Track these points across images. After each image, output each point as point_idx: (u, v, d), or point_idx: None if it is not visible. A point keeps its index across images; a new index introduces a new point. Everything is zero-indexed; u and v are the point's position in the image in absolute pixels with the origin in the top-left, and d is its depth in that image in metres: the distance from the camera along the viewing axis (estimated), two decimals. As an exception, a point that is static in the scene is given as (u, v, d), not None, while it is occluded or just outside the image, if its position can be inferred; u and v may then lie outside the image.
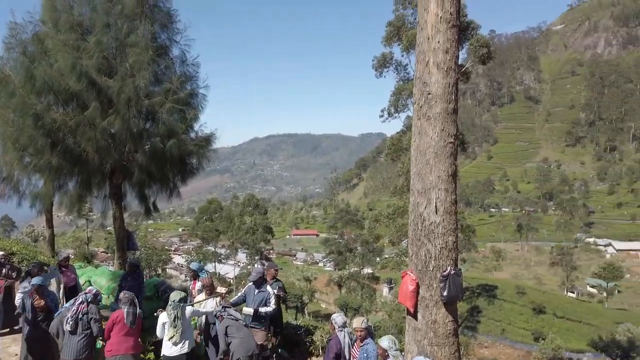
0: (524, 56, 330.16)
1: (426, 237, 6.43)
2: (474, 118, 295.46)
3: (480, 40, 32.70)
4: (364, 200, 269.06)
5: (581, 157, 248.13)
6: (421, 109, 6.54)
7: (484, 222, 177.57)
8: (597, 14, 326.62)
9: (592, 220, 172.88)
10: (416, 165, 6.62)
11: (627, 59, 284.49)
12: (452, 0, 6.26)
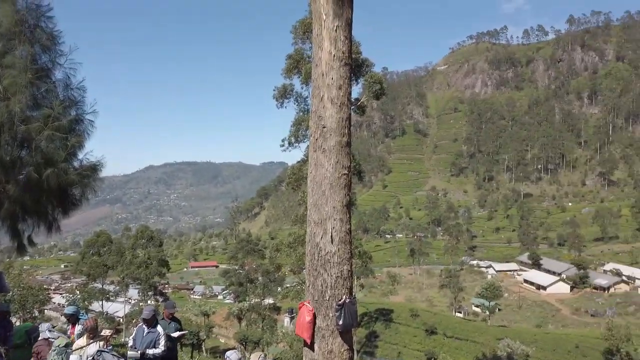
0: (413, 92, 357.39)
1: (322, 266, 6.50)
2: (369, 149, 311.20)
3: (373, 76, 34.85)
4: (265, 229, 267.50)
5: (464, 186, 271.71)
6: (317, 141, 6.70)
7: (381, 248, 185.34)
8: (475, 58, 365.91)
9: (475, 244, 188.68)
10: (312, 196, 6.73)
11: (500, 98, 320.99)
12: (344, 40, 6.60)
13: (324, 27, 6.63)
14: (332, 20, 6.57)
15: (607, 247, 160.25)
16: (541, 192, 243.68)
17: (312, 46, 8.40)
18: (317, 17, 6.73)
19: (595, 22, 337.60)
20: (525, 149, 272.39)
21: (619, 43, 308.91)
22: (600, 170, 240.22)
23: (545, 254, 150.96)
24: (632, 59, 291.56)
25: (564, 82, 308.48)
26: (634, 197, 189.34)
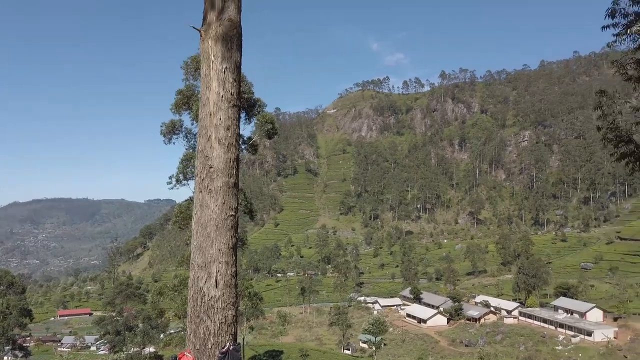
0: (304, 133, 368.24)
1: (205, 313, 6.24)
2: (262, 187, 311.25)
3: (265, 116, 35.39)
4: (148, 271, 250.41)
5: (352, 223, 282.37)
6: (203, 181, 6.55)
7: (272, 288, 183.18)
8: (361, 104, 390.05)
9: (362, 280, 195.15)
10: (197, 239, 6.50)
11: (384, 142, 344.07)
12: (233, 82, 6.65)
13: (212, 69, 6.63)
14: (220, 62, 6.61)
15: (477, 280, 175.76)
16: (420, 230, 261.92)
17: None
18: (206, 57, 6.73)
19: (463, 78, 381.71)
20: (406, 189, 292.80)
21: (482, 97, 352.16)
22: (470, 210, 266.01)
23: (425, 288, 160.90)
24: (493, 112, 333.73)
25: (438, 129, 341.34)
26: (497, 234, 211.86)
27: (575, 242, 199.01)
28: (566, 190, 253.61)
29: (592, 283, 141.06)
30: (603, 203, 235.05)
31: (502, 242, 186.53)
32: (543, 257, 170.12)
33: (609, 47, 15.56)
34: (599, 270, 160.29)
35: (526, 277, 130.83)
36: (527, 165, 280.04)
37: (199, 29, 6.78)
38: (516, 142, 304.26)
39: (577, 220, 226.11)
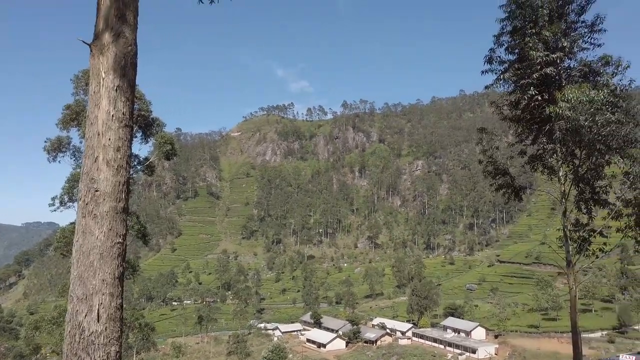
0: (207, 155, 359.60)
1: (84, 350, 5.66)
2: (159, 210, 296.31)
3: (164, 137, 33.96)
4: (23, 302, 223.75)
5: (255, 248, 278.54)
6: (87, 206, 6.03)
7: (166, 317, 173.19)
8: (266, 128, 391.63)
9: (263, 306, 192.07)
10: (78, 268, 5.93)
11: (288, 167, 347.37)
12: (125, 102, 6.28)
13: (102, 86, 6.22)
14: (112, 79, 6.22)
15: (374, 303, 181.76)
16: (322, 254, 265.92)
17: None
18: (96, 74, 6.30)
19: (363, 108, 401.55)
20: (309, 214, 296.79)
21: (380, 128, 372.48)
22: (368, 235, 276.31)
23: (326, 312, 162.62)
24: (390, 142, 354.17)
25: (340, 156, 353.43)
26: (393, 257, 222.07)
27: (462, 265, 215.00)
28: (454, 217, 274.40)
29: (476, 303, 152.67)
30: (485, 228, 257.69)
31: (398, 265, 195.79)
32: (434, 280, 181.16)
33: (487, 89, 17.36)
34: (482, 291, 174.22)
35: (419, 299, 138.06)
36: (420, 192, 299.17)
37: (89, 43, 6.36)
38: (410, 170, 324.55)
39: (463, 245, 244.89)
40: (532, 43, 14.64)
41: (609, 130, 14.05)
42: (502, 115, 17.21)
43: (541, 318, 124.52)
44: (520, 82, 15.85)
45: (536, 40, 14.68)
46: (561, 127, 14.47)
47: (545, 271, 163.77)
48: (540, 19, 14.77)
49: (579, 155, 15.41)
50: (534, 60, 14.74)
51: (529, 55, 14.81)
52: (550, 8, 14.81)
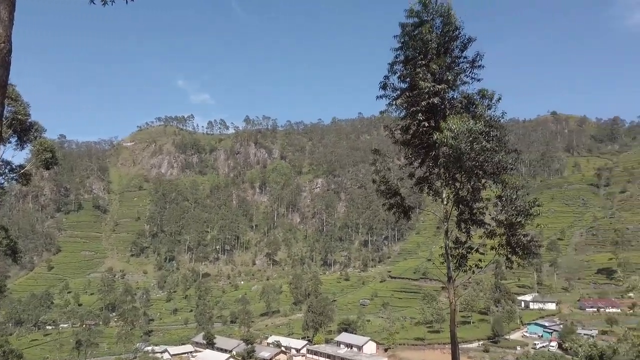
0: (94, 166, 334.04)
1: None
2: (35, 224, 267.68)
3: (44, 143, 30.85)
4: None
5: (144, 266, 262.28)
6: None
7: (38, 343, 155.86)
8: (162, 139, 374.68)
9: (152, 328, 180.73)
10: None
11: (185, 181, 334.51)
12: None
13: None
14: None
15: (270, 320, 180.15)
16: (218, 272, 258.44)
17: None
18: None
19: (266, 125, 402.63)
20: (206, 230, 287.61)
21: (282, 145, 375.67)
22: (267, 251, 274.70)
23: (219, 332, 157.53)
24: (292, 159, 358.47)
25: (241, 172, 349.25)
26: (291, 274, 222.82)
27: (357, 281, 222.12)
28: (350, 234, 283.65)
29: (369, 318, 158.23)
30: (379, 245, 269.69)
31: (295, 282, 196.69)
32: (330, 296, 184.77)
33: (382, 114, 18.31)
34: (374, 306, 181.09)
35: (314, 315, 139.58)
36: (319, 210, 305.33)
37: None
38: (310, 188, 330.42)
39: (358, 261, 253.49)
40: (422, 74, 15.78)
41: (484, 157, 15.48)
42: (394, 139, 18.22)
43: (427, 330, 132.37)
44: (411, 109, 16.94)
45: (425, 72, 15.85)
46: (445, 152, 15.63)
47: (431, 286, 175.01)
48: (430, 52, 16.02)
49: (459, 179, 16.77)
50: (423, 89, 15.87)
51: (419, 85, 15.91)
52: (438, 43, 16.13)
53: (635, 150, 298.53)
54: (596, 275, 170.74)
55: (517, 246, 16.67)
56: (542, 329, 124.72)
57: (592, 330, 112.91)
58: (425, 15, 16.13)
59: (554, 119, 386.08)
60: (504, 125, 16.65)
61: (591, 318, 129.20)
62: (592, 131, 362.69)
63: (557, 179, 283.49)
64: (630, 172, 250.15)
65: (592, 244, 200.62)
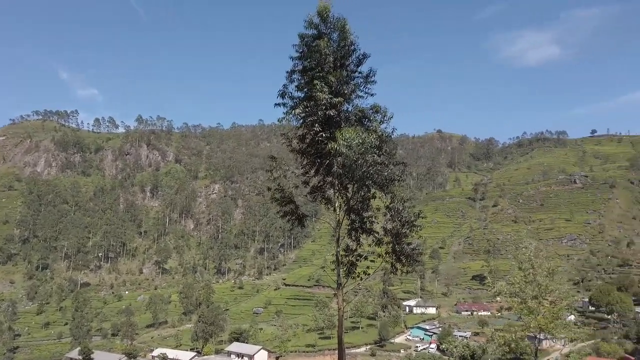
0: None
1: None
2: None
3: None
4: None
5: (12, 275, 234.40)
6: None
7: None
8: (40, 135, 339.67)
9: (18, 344, 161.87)
10: None
11: (65, 182, 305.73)
12: None
13: None
14: None
15: (157, 332, 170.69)
16: (100, 281, 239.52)
17: None
18: None
19: (160, 125, 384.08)
20: (88, 236, 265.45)
21: (178, 148, 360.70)
22: (156, 259, 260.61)
23: (98, 346, 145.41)
24: (187, 163, 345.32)
25: (130, 174, 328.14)
26: (182, 283, 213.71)
27: (251, 289, 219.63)
28: (246, 241, 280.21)
29: (262, 326, 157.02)
30: (275, 253, 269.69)
31: (186, 291, 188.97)
32: (222, 305, 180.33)
33: (279, 122, 18.37)
34: (267, 314, 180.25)
35: (205, 325, 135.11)
36: (215, 216, 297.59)
37: None
38: (206, 194, 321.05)
39: (253, 269, 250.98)
40: (319, 85, 16.12)
41: (375, 169, 16.24)
42: (292, 147, 18.36)
43: (318, 337, 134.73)
44: (308, 119, 17.22)
45: (322, 84, 16.23)
46: (338, 163, 16.10)
47: (324, 293, 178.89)
48: (327, 64, 16.45)
49: (351, 189, 17.38)
50: (321, 101, 16.23)
51: (316, 96, 16.24)
52: (335, 56, 16.62)
53: (506, 169, 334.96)
54: (471, 281, 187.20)
55: (401, 254, 17.63)
56: (423, 332, 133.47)
57: (466, 332, 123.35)
58: (324, 28, 16.53)
59: (440, 137, 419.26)
60: (394, 140, 17.60)
61: (466, 321, 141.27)
62: (471, 149, 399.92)
63: (440, 192, 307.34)
64: (502, 188, 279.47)
65: (468, 252, 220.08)
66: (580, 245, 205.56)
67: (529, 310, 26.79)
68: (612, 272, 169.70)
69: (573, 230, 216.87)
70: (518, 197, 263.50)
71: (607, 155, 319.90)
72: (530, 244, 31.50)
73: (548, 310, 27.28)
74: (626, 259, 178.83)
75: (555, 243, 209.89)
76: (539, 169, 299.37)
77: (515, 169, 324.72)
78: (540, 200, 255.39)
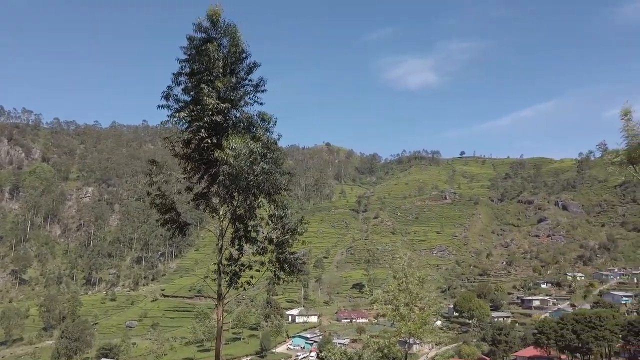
0: None
1: None
2: None
3: None
4: None
5: None
6: None
7: None
8: None
9: None
10: None
11: None
12: None
13: None
14: None
15: (10, 351, 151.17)
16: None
17: None
18: None
19: (26, 119, 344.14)
20: None
21: (46, 145, 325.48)
22: (13, 268, 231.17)
23: None
24: (57, 162, 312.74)
25: None
26: (43, 295, 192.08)
27: (124, 301, 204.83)
28: (122, 250, 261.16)
29: (135, 341, 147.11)
30: (154, 262, 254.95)
31: (47, 304, 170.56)
32: (90, 318, 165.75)
33: (162, 125, 17.51)
34: (142, 328, 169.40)
35: (69, 342, 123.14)
36: (87, 222, 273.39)
37: None
38: (78, 197, 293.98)
39: (128, 279, 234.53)
40: (206, 90, 15.69)
41: (262, 178, 16.21)
42: (175, 151, 17.59)
43: (197, 350, 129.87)
44: (194, 124, 16.65)
45: (210, 89, 15.83)
46: (225, 170, 15.77)
47: (205, 304, 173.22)
48: (216, 69, 16.11)
49: (237, 197, 17.11)
50: (208, 106, 15.80)
51: (203, 101, 15.78)
52: (225, 62, 16.36)
53: (387, 183, 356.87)
54: (351, 289, 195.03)
55: (285, 263, 17.75)
56: (304, 340, 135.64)
57: (345, 340, 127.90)
58: (214, 32, 16.22)
59: (328, 150, 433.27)
60: (280, 148, 17.76)
61: (345, 328, 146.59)
62: (357, 163, 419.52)
63: (326, 203, 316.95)
64: (382, 201, 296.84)
65: (350, 261, 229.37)
66: (448, 256, 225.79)
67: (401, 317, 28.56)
68: (474, 280, 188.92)
69: (442, 242, 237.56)
70: (396, 210, 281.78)
71: (473, 175, 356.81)
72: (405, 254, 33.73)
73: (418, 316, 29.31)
74: (485, 269, 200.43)
75: (427, 253, 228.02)
76: (416, 184, 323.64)
77: (395, 183, 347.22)
78: (416, 213, 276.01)
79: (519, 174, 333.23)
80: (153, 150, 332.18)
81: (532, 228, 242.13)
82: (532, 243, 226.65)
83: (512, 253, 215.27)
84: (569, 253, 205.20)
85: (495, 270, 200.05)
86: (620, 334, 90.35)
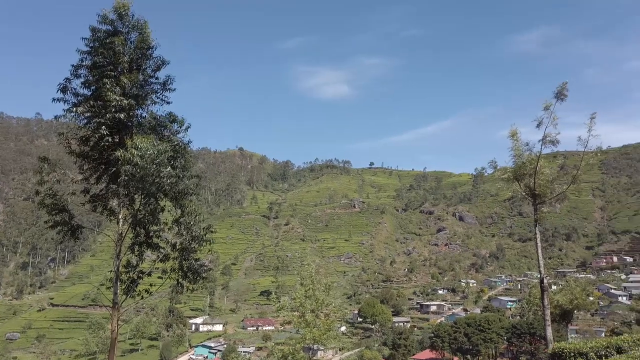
0: None
1: None
2: None
3: None
4: None
5: None
6: None
7: None
8: None
9: None
10: None
11: None
12: None
13: None
14: None
15: None
16: None
17: None
18: None
19: None
20: None
21: None
22: None
23: None
24: None
25: None
26: None
27: (5, 311, 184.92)
28: (5, 254, 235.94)
29: (16, 354, 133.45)
30: (42, 269, 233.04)
31: None
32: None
33: (57, 119, 16.13)
34: (26, 340, 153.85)
35: None
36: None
37: None
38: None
39: (11, 287, 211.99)
40: (109, 85, 14.73)
41: (170, 182, 15.49)
42: (70, 149, 16.26)
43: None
44: (94, 120, 15.54)
45: (114, 84, 14.89)
46: (127, 171, 14.83)
47: (100, 313, 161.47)
48: (121, 64, 15.20)
49: (138, 200, 16.18)
50: (110, 102, 14.82)
51: (106, 96, 14.79)
52: (131, 57, 15.50)
53: (299, 190, 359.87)
54: (259, 297, 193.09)
55: (188, 270, 17.11)
56: (208, 350, 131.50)
57: (250, 348, 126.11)
58: (121, 26, 15.33)
59: (241, 154, 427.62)
60: (193, 152, 17.16)
61: (251, 336, 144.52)
62: (270, 170, 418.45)
63: (237, 209, 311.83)
64: (294, 208, 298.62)
65: (259, 268, 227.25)
66: (355, 263, 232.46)
67: (306, 323, 28.82)
68: (378, 286, 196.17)
69: (350, 249, 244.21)
70: (307, 218, 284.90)
71: (380, 185, 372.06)
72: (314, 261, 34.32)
73: (323, 322, 29.75)
74: (389, 275, 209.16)
75: (335, 260, 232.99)
76: (327, 193, 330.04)
77: (306, 191, 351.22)
78: (326, 221, 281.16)
79: (421, 185, 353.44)
80: (47, 147, 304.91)
81: (432, 237, 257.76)
82: (432, 251, 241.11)
83: (414, 260, 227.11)
84: (464, 261, 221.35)
85: (398, 277, 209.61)
86: (505, 336, 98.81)
